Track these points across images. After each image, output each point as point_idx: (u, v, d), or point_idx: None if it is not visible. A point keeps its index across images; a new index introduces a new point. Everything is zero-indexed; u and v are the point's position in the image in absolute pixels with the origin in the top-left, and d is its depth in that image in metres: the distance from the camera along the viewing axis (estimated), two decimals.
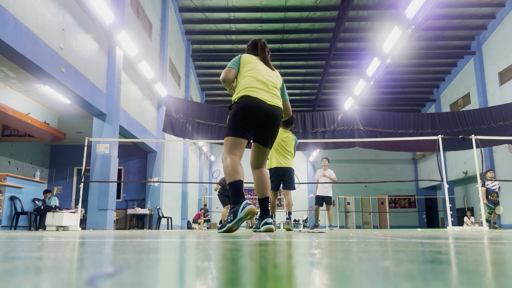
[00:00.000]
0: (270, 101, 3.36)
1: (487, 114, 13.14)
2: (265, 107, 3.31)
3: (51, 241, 2.20)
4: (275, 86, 3.50)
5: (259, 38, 3.82)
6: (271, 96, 3.40)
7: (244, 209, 3.08)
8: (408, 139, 11.77)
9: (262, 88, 3.37)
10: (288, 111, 3.73)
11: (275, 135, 3.50)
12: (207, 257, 1.09)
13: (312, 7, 15.61)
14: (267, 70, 3.56)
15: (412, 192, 27.03)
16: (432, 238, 2.56)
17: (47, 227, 9.01)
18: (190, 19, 17.04)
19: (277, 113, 3.41)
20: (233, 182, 3.21)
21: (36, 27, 7.20)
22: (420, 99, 24.09)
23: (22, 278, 0.65)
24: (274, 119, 3.40)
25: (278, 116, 3.43)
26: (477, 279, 0.63)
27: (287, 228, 6.03)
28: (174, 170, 16.87)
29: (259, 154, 3.54)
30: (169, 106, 12.66)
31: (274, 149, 6.02)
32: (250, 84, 3.36)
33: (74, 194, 14.85)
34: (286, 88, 3.81)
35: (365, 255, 1.14)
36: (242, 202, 3.13)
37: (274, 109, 3.37)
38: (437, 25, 16.68)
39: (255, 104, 3.29)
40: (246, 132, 3.32)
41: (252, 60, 3.56)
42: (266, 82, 3.43)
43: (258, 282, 0.62)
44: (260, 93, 3.34)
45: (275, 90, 3.48)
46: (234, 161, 3.26)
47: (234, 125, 3.29)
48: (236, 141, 3.30)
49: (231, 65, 3.51)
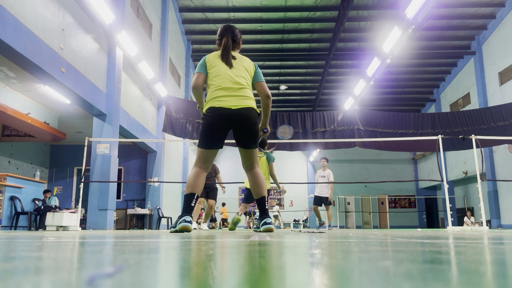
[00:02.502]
0: (235, 105, 3.38)
1: (487, 114, 13.14)
2: (231, 113, 3.36)
3: (51, 241, 2.20)
4: (242, 85, 3.46)
5: (227, 28, 3.67)
6: (236, 99, 3.40)
7: (180, 224, 3.32)
8: (408, 139, 11.77)
9: (226, 94, 3.40)
10: (263, 91, 3.60)
11: (253, 135, 3.48)
12: (207, 257, 1.09)
13: (312, 7, 15.61)
14: (233, 70, 3.51)
15: (412, 192, 27.03)
16: (432, 238, 2.56)
17: (47, 227, 9.01)
18: (190, 19, 17.04)
19: (245, 114, 3.40)
20: (187, 194, 3.42)
21: (36, 27, 7.20)
22: (420, 99, 24.09)
23: (22, 278, 0.65)
24: (244, 121, 3.41)
25: (247, 117, 3.41)
26: (477, 279, 0.63)
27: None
28: (174, 170, 16.87)
29: (244, 157, 3.59)
30: (169, 106, 12.65)
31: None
32: (214, 94, 3.43)
33: (74, 194, 14.84)
34: (261, 73, 3.69)
35: (365, 255, 1.14)
36: (183, 216, 3.33)
37: (241, 111, 3.39)
38: (437, 25, 16.68)
39: (220, 114, 3.36)
40: (215, 143, 3.46)
41: (215, 63, 3.54)
42: (230, 87, 3.43)
43: (258, 282, 0.62)
44: (225, 100, 3.38)
45: (242, 90, 3.44)
46: (195, 174, 3.46)
47: (202, 137, 3.45)
48: (203, 152, 3.47)
49: (198, 70, 3.56)
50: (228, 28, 3.65)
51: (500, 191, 17.18)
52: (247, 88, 3.49)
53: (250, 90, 3.52)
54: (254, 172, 3.61)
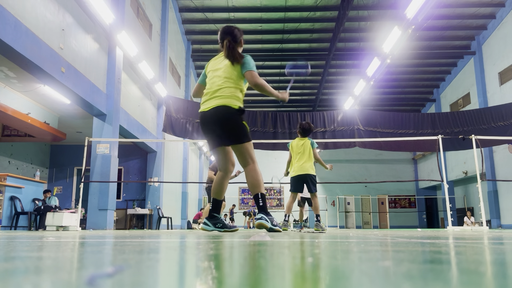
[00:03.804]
0: (208, 107, 3.53)
1: (487, 114, 13.14)
2: (206, 115, 3.55)
3: (51, 241, 2.20)
4: (220, 85, 3.51)
5: (226, 31, 3.67)
6: (211, 101, 3.53)
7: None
8: (408, 139, 11.77)
9: (207, 98, 3.57)
10: (251, 81, 3.52)
11: (228, 131, 3.52)
12: (207, 257, 1.09)
13: (312, 7, 15.61)
14: (218, 72, 3.58)
15: (412, 192, 27.03)
16: (432, 238, 2.56)
17: (47, 227, 9.01)
18: (190, 19, 17.04)
19: (212, 114, 3.49)
20: (215, 200, 3.76)
21: (36, 27, 7.20)
22: (420, 99, 24.09)
23: (22, 278, 0.65)
24: (214, 121, 3.50)
25: (214, 116, 3.49)
26: (477, 279, 0.63)
27: (315, 230, 6.04)
28: (174, 170, 16.87)
29: (236, 155, 3.66)
30: (169, 106, 12.65)
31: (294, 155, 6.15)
32: (202, 100, 3.67)
33: (74, 194, 14.84)
34: (249, 62, 3.58)
35: (365, 255, 1.14)
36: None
37: (209, 112, 3.51)
38: (437, 25, 16.68)
39: (201, 118, 3.62)
40: (211, 144, 3.67)
41: (210, 68, 3.70)
42: (210, 90, 3.57)
43: (258, 282, 0.62)
44: (203, 105, 3.59)
45: (219, 91, 3.51)
46: (216, 178, 3.76)
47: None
48: (213, 154, 3.75)
49: (198, 80, 3.85)
50: (227, 31, 3.65)
51: (500, 191, 17.17)
52: (225, 88, 3.51)
53: (229, 88, 3.51)
54: (247, 169, 3.61)
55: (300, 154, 6.07)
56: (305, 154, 6.03)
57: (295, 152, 6.12)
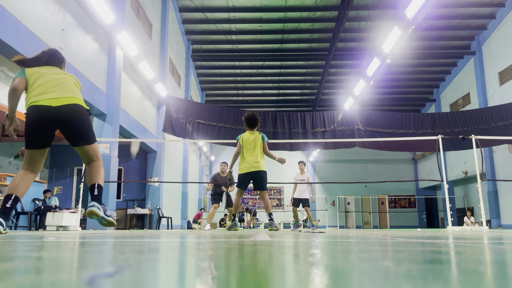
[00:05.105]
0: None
1: (487, 114, 13.13)
2: None
3: (51, 241, 2.20)
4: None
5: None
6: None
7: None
8: (408, 139, 11.77)
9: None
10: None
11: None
12: (206, 257, 1.09)
13: (312, 7, 15.61)
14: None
15: (412, 192, 27.03)
16: (432, 238, 2.56)
17: (47, 227, 9.00)
18: (190, 19, 17.04)
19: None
20: (5, 195, 3.29)
21: (36, 27, 7.20)
22: (420, 99, 24.09)
23: (22, 278, 0.65)
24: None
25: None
26: (477, 279, 0.63)
27: (270, 229, 5.88)
28: (174, 170, 16.87)
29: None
30: (169, 106, 12.65)
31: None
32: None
33: (74, 194, 14.83)
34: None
35: (365, 255, 1.14)
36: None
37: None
38: (437, 25, 16.68)
39: None
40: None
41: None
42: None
43: (258, 282, 0.62)
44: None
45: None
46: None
47: None
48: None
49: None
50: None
51: (500, 191, 17.18)
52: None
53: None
54: (90, 165, 3.54)
55: (251, 149, 5.86)
56: (257, 149, 5.86)
57: (245, 148, 5.89)
